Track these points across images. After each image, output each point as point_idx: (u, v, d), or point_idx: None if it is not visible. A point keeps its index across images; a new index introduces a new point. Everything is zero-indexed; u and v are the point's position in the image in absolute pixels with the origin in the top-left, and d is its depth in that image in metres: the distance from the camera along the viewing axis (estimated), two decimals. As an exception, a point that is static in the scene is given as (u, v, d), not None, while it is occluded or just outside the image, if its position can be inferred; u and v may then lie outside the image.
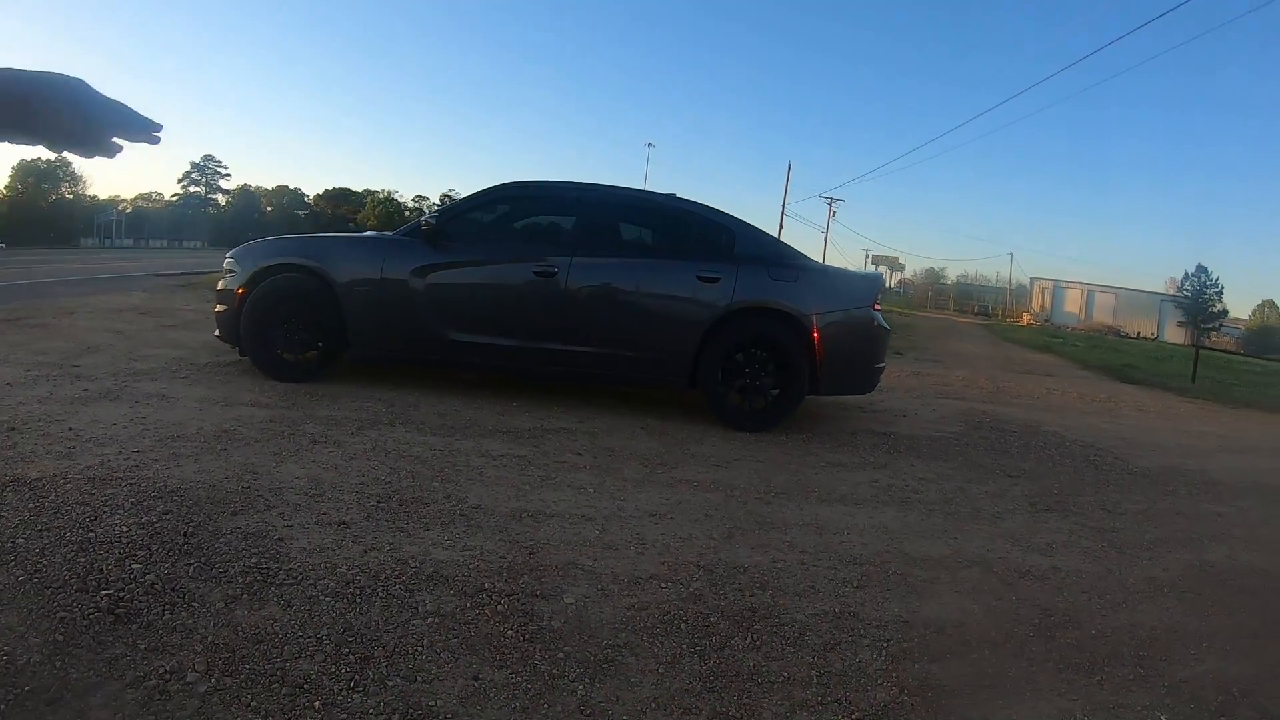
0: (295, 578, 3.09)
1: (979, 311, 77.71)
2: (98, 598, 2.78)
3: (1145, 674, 3.33)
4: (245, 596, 2.92)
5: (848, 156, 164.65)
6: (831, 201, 70.79)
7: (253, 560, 3.19)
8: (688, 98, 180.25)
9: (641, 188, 7.66)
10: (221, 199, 74.63)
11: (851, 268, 13.63)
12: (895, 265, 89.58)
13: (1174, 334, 68.00)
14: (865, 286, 7.17)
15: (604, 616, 3.13)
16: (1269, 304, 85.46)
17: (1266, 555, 5.09)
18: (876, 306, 7.04)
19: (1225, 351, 41.67)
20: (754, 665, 2.95)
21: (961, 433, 7.71)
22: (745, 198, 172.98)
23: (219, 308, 6.67)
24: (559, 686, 2.63)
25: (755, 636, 3.16)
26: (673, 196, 7.29)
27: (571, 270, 6.53)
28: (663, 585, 3.46)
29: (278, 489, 3.96)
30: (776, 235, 8.46)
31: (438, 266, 6.53)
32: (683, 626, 3.14)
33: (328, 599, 2.96)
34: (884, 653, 3.18)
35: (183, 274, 15.49)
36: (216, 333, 6.72)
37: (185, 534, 3.35)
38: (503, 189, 7.08)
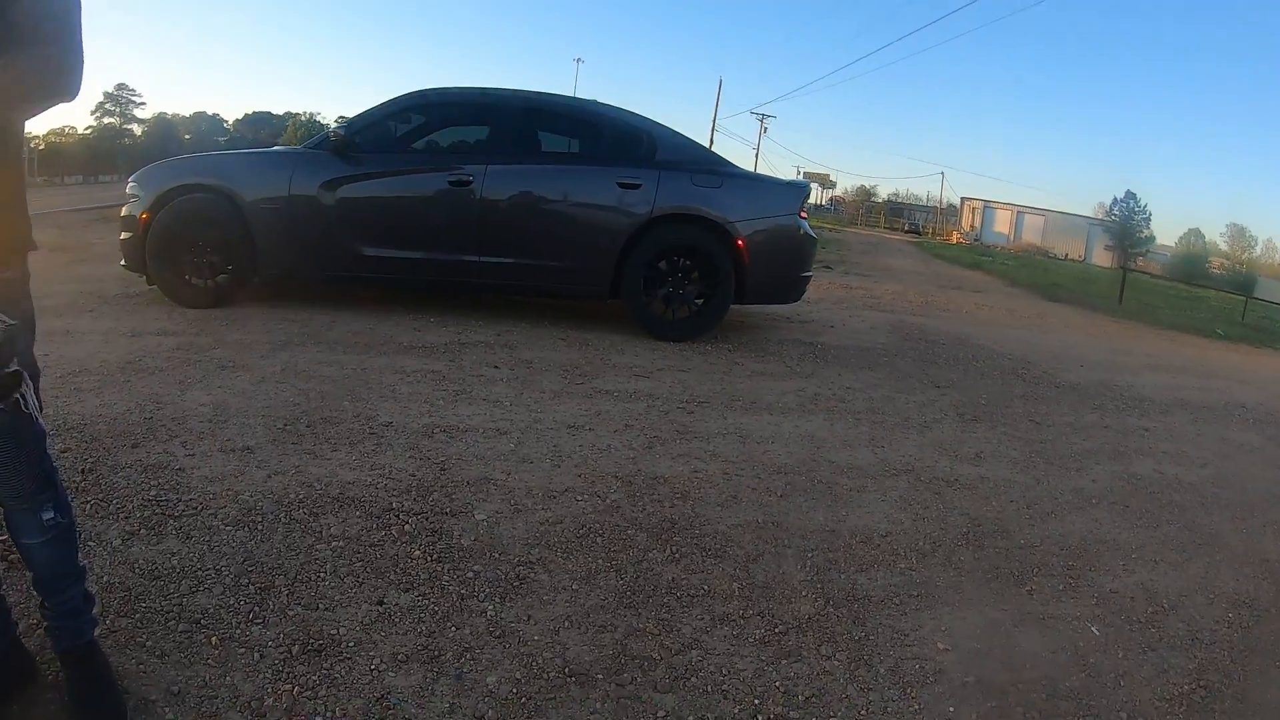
0: (195, 508, 2.98)
1: (909, 229, 78.06)
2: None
3: (1075, 585, 3.36)
4: (143, 531, 2.82)
5: (782, 71, 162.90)
6: (763, 118, 70.65)
7: (152, 493, 3.07)
8: (618, 11, 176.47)
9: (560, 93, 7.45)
10: (137, 129, 71.40)
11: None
12: (826, 183, 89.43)
13: (1101, 257, 69.15)
14: (791, 194, 7.04)
15: (516, 533, 3.07)
16: (1195, 232, 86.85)
17: (1191, 470, 5.18)
18: (803, 215, 6.93)
19: (1151, 275, 42.49)
20: (673, 579, 2.92)
21: (890, 344, 7.72)
22: (677, 114, 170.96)
23: (124, 235, 6.35)
24: (467, 607, 2.59)
25: (674, 549, 3.13)
26: (593, 101, 7.14)
27: (487, 178, 6.32)
28: (578, 498, 3.42)
29: (181, 418, 3.81)
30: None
31: (348, 179, 6.27)
32: (598, 540, 3.10)
33: (228, 528, 2.87)
34: (809, 564, 3.17)
35: (97, 208, 14.99)
36: (122, 262, 6.44)
37: (83, 470, 3.21)
38: (414, 96, 6.84)
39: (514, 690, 2.26)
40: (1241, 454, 5.83)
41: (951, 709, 2.47)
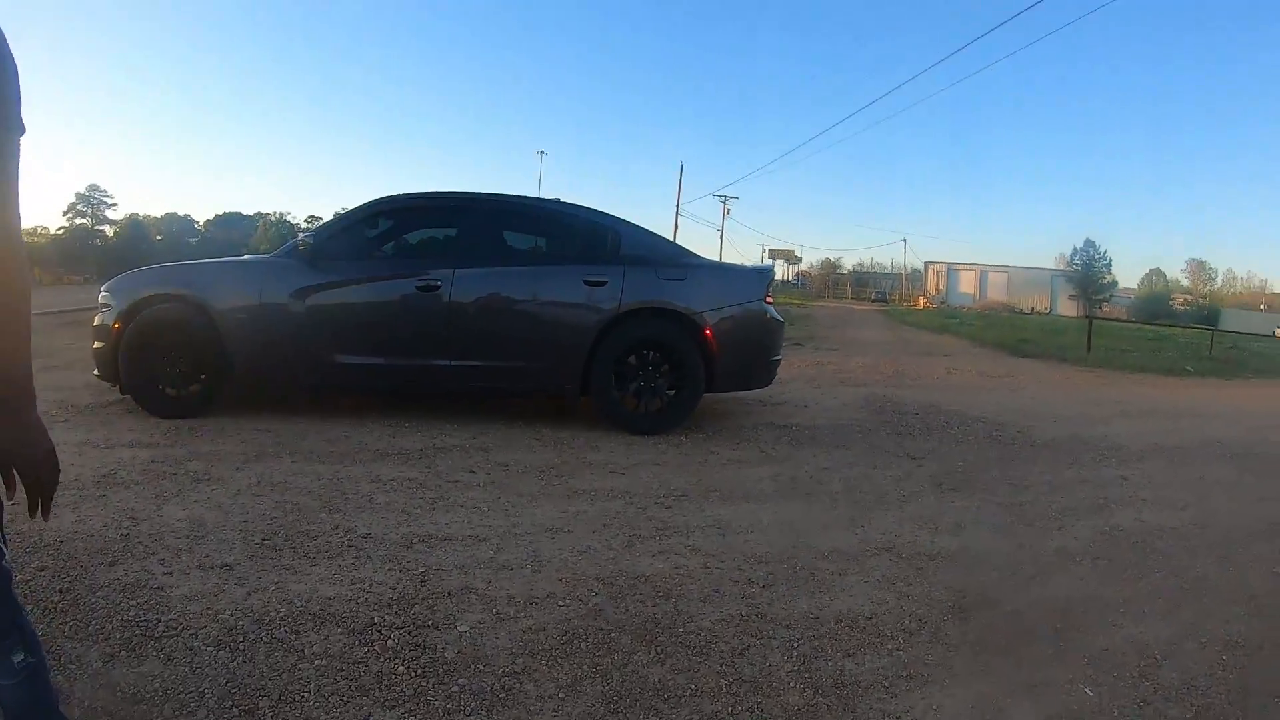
0: (176, 629, 2.96)
1: (876, 298, 78.26)
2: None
3: (1064, 648, 3.35)
4: (124, 653, 2.80)
5: (741, 152, 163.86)
6: (725, 199, 71.08)
7: (131, 613, 3.05)
8: (578, 104, 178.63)
9: (524, 194, 7.58)
10: (109, 230, 71.33)
11: (746, 262, 13.73)
12: (792, 258, 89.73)
13: (1067, 307, 69.60)
14: (756, 280, 7.18)
15: (500, 643, 3.06)
16: (1156, 272, 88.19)
17: (1173, 514, 5.23)
18: (769, 299, 7.05)
19: (1117, 320, 42.95)
20: (659, 680, 2.91)
21: (863, 419, 7.80)
22: (640, 200, 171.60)
23: (96, 345, 6.37)
24: (454, 723, 2.56)
25: (660, 649, 3.12)
26: (556, 201, 7.25)
27: (455, 283, 6.41)
28: (560, 603, 3.41)
29: (158, 534, 3.80)
30: (672, 236, 8.43)
31: (318, 287, 6.36)
32: (583, 646, 3.09)
33: (210, 649, 2.85)
34: (795, 653, 3.16)
35: (70, 310, 15.00)
36: (95, 372, 6.45)
37: (60, 590, 3.20)
38: (380, 203, 6.95)
39: (504, 809, 2.24)
40: (1220, 491, 5.90)
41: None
